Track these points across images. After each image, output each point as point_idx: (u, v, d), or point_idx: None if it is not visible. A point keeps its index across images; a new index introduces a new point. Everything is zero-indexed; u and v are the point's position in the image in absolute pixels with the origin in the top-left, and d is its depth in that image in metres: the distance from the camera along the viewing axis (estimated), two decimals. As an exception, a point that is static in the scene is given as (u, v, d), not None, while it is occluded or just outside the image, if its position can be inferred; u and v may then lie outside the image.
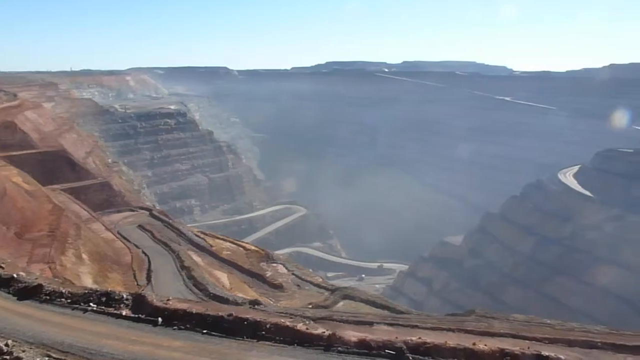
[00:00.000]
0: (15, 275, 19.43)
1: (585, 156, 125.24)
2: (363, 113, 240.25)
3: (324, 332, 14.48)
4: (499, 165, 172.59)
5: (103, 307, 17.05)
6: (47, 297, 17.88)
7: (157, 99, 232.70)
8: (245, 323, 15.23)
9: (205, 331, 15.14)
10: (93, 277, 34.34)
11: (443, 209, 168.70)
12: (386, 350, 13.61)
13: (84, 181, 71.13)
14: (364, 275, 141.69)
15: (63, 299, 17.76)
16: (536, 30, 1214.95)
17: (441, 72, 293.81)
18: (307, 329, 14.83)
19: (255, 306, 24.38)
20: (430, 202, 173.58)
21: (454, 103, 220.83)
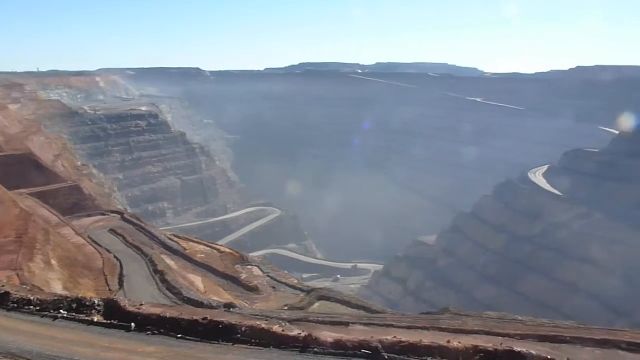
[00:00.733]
0: (-19, 283, 18.86)
1: (554, 156, 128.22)
2: (337, 114, 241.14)
3: (300, 334, 14.46)
4: (471, 166, 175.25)
5: (74, 314, 16.67)
6: (15, 305, 17.40)
7: (128, 100, 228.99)
8: (221, 326, 15.10)
9: (179, 336, 14.96)
10: (63, 284, 33.58)
11: (417, 209, 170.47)
12: (362, 350, 13.68)
13: (53, 185, 69.32)
14: (339, 276, 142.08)
15: (32, 307, 17.30)
16: (505, 33, 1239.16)
17: (414, 74, 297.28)
18: (283, 331, 14.79)
19: (231, 309, 24.21)
20: (404, 203, 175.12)
21: (427, 104, 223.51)
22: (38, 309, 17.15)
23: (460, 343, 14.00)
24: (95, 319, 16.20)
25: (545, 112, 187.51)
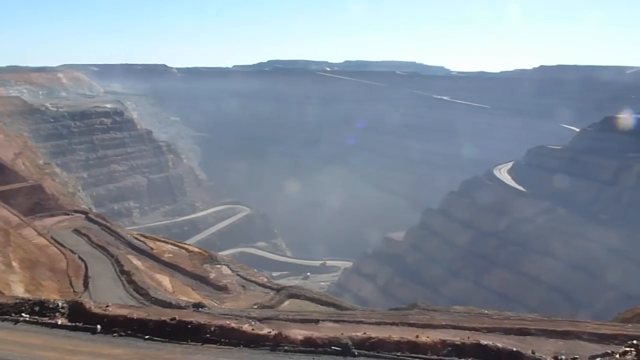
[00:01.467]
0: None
1: (518, 153, 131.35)
2: (306, 112, 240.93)
3: (270, 332, 14.42)
4: (438, 162, 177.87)
5: (37, 317, 16.19)
6: (-26, 309, 16.80)
7: (92, 97, 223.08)
8: (189, 327, 14.92)
9: (147, 337, 14.71)
10: (25, 286, 32.62)
11: (385, 205, 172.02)
12: (332, 347, 13.73)
13: (13, 184, 67.13)
14: (309, 274, 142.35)
15: (-8, 310, 16.75)
16: (472, 32, 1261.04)
17: (382, 72, 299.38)
18: (253, 329, 14.72)
19: (199, 309, 24.02)
20: (373, 200, 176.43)
21: (394, 102, 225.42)
22: (-2, 312, 16.60)
23: (428, 338, 14.20)
24: (59, 322, 15.78)
25: (510, 110, 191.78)
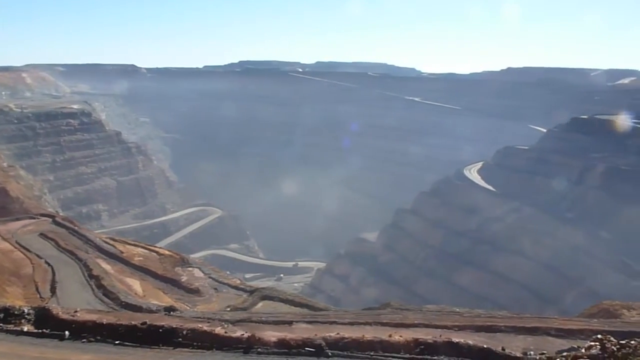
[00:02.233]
0: None
1: (487, 153, 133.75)
2: (278, 112, 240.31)
3: (243, 335, 14.35)
4: (410, 163, 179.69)
5: (1, 325, 15.75)
6: None
7: (58, 97, 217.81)
8: (161, 331, 14.72)
9: (117, 342, 14.45)
10: (-12, 292, 31.64)
11: (358, 206, 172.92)
12: (306, 348, 13.75)
13: (-25, 187, 65.22)
14: (282, 275, 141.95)
15: (-47, 318, 16.18)
16: (441, 33, 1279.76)
17: (354, 73, 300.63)
18: (226, 332, 14.62)
19: (171, 312, 23.68)
20: (345, 200, 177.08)
21: (366, 103, 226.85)
22: (-40, 320, 16.05)
23: (401, 337, 14.35)
24: (25, 329, 15.37)
25: (479, 111, 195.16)
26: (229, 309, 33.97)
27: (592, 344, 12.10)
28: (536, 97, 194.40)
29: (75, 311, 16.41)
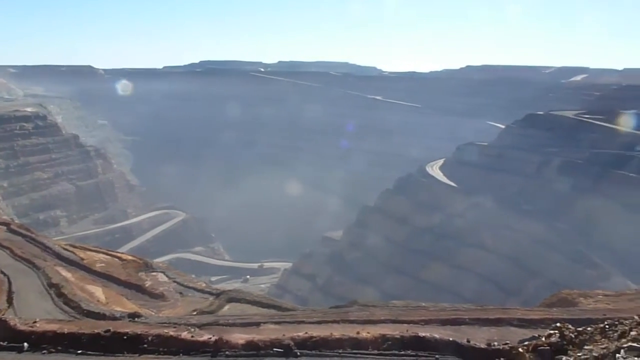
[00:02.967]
0: None
1: (449, 150, 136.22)
2: (241, 113, 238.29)
3: (210, 338, 14.18)
4: (373, 161, 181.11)
5: (-46, 338, 15.06)
6: None
7: (10, 100, 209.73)
8: (125, 338, 14.39)
9: (80, 351, 14.05)
10: (-61, 305, 30.24)
11: (323, 205, 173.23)
12: (274, 349, 13.71)
13: None
14: (248, 277, 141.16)
15: None
16: (401, 32, 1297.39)
17: (316, 72, 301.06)
18: (193, 336, 14.41)
19: (135, 319, 23.23)
20: (310, 200, 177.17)
21: (329, 102, 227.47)
22: None
23: (369, 333, 14.46)
24: (-20, 342, 14.75)
25: (440, 109, 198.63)
26: (195, 313, 33.49)
27: (552, 332, 12.53)
28: (494, 95, 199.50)
29: (34, 322, 15.85)
